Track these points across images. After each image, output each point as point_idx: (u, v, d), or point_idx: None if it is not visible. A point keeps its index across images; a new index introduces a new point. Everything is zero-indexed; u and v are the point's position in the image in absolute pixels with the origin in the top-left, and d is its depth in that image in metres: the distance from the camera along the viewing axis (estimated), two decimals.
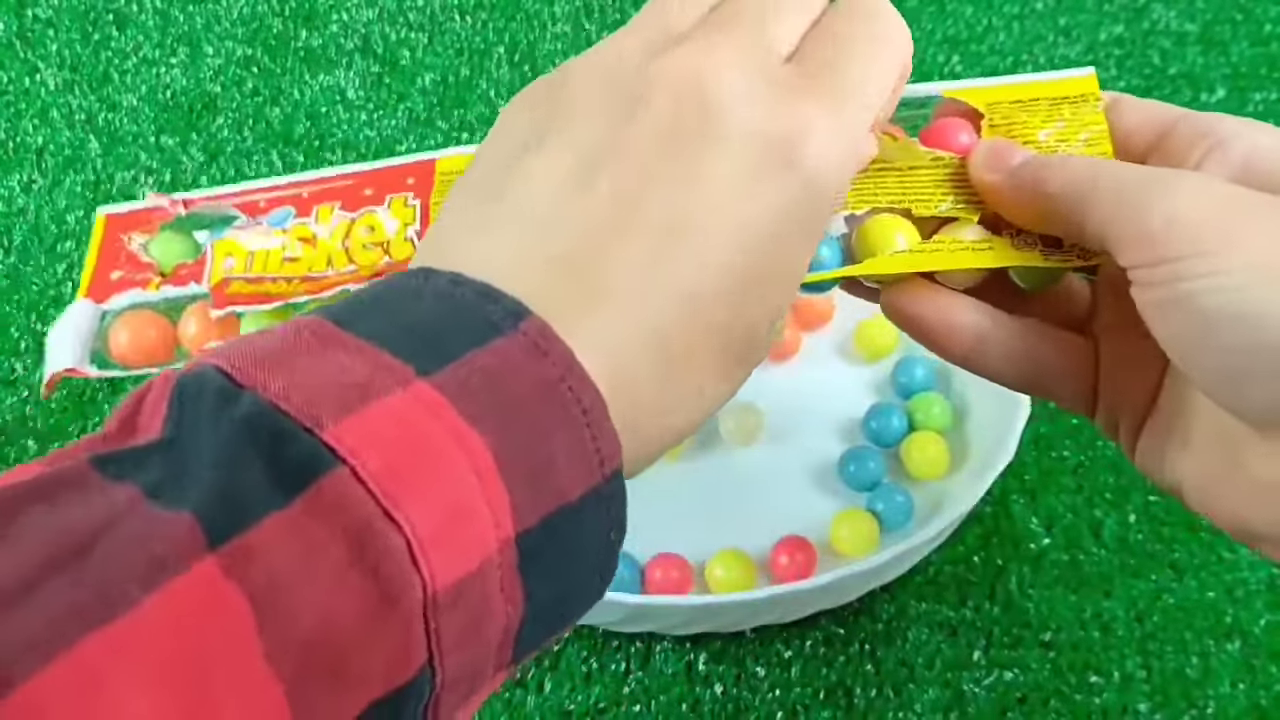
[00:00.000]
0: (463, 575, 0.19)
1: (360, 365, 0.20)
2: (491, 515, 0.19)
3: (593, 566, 0.22)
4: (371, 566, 0.18)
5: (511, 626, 0.20)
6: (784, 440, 0.45)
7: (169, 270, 0.32)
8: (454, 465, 0.19)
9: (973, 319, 0.28)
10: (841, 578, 0.37)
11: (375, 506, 0.18)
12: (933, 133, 0.30)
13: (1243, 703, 0.38)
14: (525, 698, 0.39)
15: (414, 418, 0.19)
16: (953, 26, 0.60)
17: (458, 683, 0.20)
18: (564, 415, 0.20)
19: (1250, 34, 0.59)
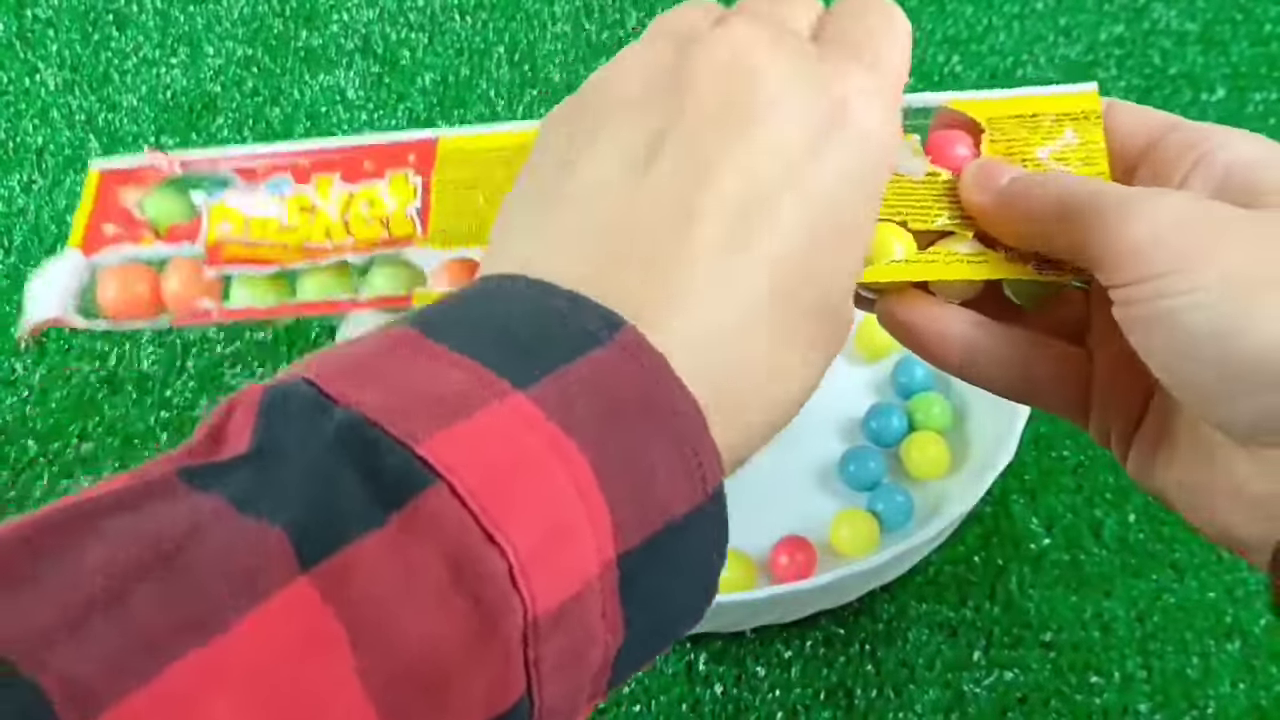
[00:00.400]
0: (565, 599, 0.18)
1: (455, 378, 0.19)
2: (594, 534, 0.19)
3: (695, 588, 0.21)
4: (471, 590, 0.17)
5: (610, 653, 0.20)
6: (784, 440, 0.44)
7: (163, 230, 0.32)
8: (554, 481, 0.18)
9: (964, 329, 0.29)
10: (842, 578, 0.37)
11: (475, 525, 0.17)
12: (931, 144, 0.31)
13: (1243, 703, 0.38)
14: None
15: (512, 432, 0.19)
16: (953, 26, 0.60)
17: (554, 713, 0.19)
18: (663, 430, 0.20)
19: (1250, 34, 0.59)
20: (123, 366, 0.48)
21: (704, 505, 0.20)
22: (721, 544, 0.21)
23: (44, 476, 0.44)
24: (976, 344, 0.29)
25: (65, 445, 0.45)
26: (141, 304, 0.32)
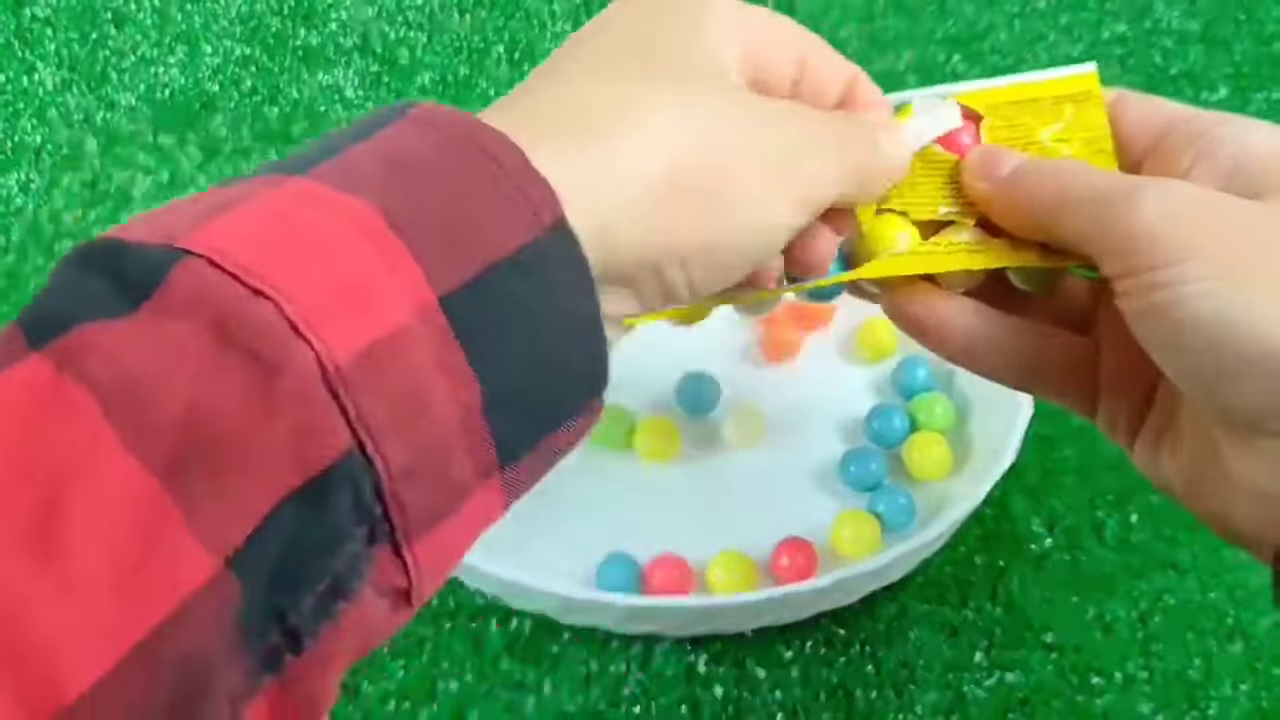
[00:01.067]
0: (368, 343, 0.17)
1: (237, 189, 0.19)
2: (395, 279, 0.18)
3: (564, 336, 0.20)
4: (244, 345, 0.17)
5: (471, 408, 0.18)
6: (785, 441, 0.44)
7: None
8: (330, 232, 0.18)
9: (971, 320, 0.29)
10: (843, 579, 0.37)
11: (238, 287, 0.17)
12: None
13: (1245, 704, 0.38)
14: (525, 699, 0.39)
15: (281, 206, 0.18)
16: (954, 25, 0.60)
17: (415, 473, 0.18)
18: (474, 172, 0.19)
19: (1253, 33, 0.59)
20: None
21: (542, 239, 0.19)
22: (581, 278, 0.20)
23: None
24: (978, 333, 0.29)
25: None
26: None
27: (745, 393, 0.45)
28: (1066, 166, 0.28)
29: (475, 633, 0.40)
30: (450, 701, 0.39)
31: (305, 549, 0.17)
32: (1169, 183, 0.26)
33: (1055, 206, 0.26)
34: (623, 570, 0.40)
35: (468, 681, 0.39)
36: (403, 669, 0.39)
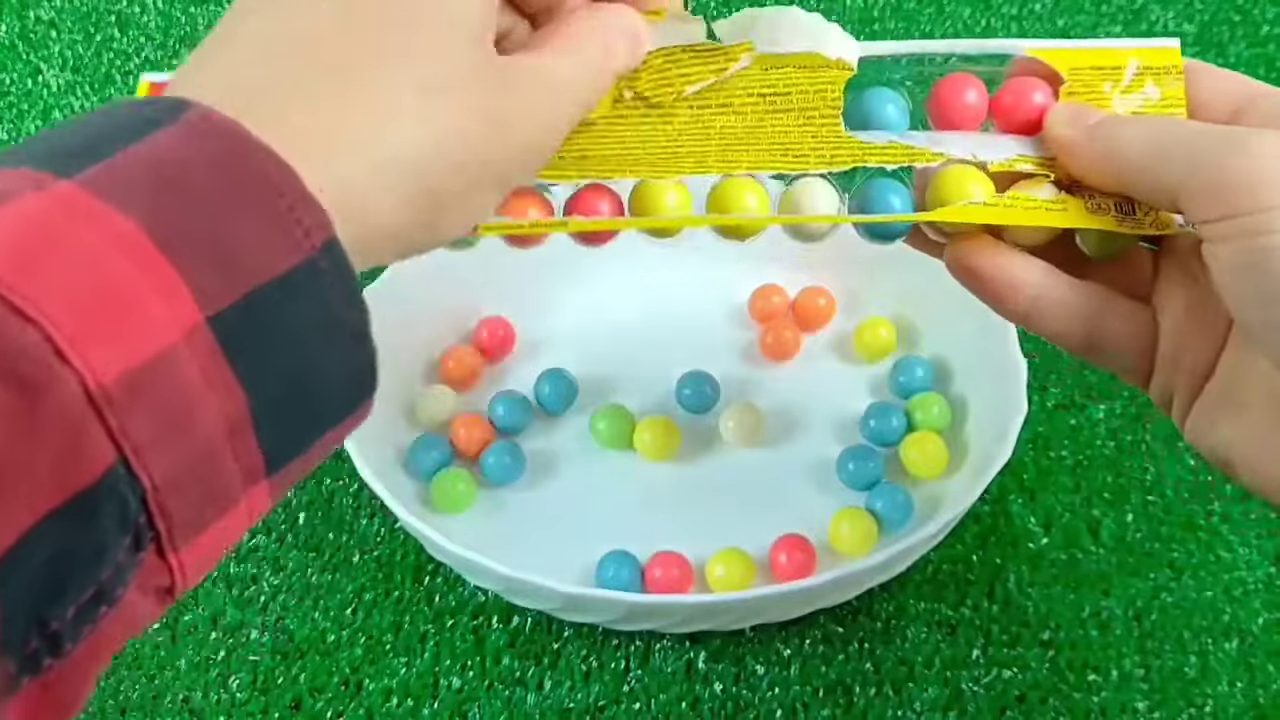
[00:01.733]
0: (136, 365, 0.17)
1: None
2: (164, 300, 0.18)
3: (329, 349, 0.20)
4: (9, 370, 0.16)
5: (238, 420, 0.19)
6: (783, 440, 0.45)
7: None
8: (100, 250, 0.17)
9: (1037, 278, 0.29)
10: (841, 577, 0.37)
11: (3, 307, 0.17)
12: (1008, 90, 0.30)
13: (1241, 701, 0.39)
14: (525, 696, 0.39)
15: (44, 215, 0.18)
16: (951, 27, 0.60)
17: (181, 484, 0.18)
18: (246, 192, 0.19)
19: (1248, 35, 0.59)
20: None
21: (313, 257, 0.20)
22: (347, 298, 0.20)
23: None
24: (1047, 294, 0.29)
25: None
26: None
27: (745, 392, 0.46)
28: (1160, 117, 0.28)
29: (476, 630, 0.40)
30: (452, 698, 0.39)
31: (70, 561, 0.17)
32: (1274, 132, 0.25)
33: (1151, 151, 0.26)
34: (623, 568, 0.40)
35: (469, 678, 0.39)
36: (404, 666, 0.40)
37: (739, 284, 0.48)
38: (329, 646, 0.40)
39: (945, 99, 0.30)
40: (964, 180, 0.29)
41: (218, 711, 0.39)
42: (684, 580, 0.40)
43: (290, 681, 0.39)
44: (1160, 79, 0.30)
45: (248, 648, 0.40)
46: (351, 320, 0.20)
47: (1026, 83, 0.30)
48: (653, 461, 0.44)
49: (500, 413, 0.45)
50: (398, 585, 0.42)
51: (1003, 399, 0.41)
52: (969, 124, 0.30)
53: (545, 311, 0.49)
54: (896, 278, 0.47)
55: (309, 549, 0.43)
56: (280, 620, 0.41)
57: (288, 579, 0.42)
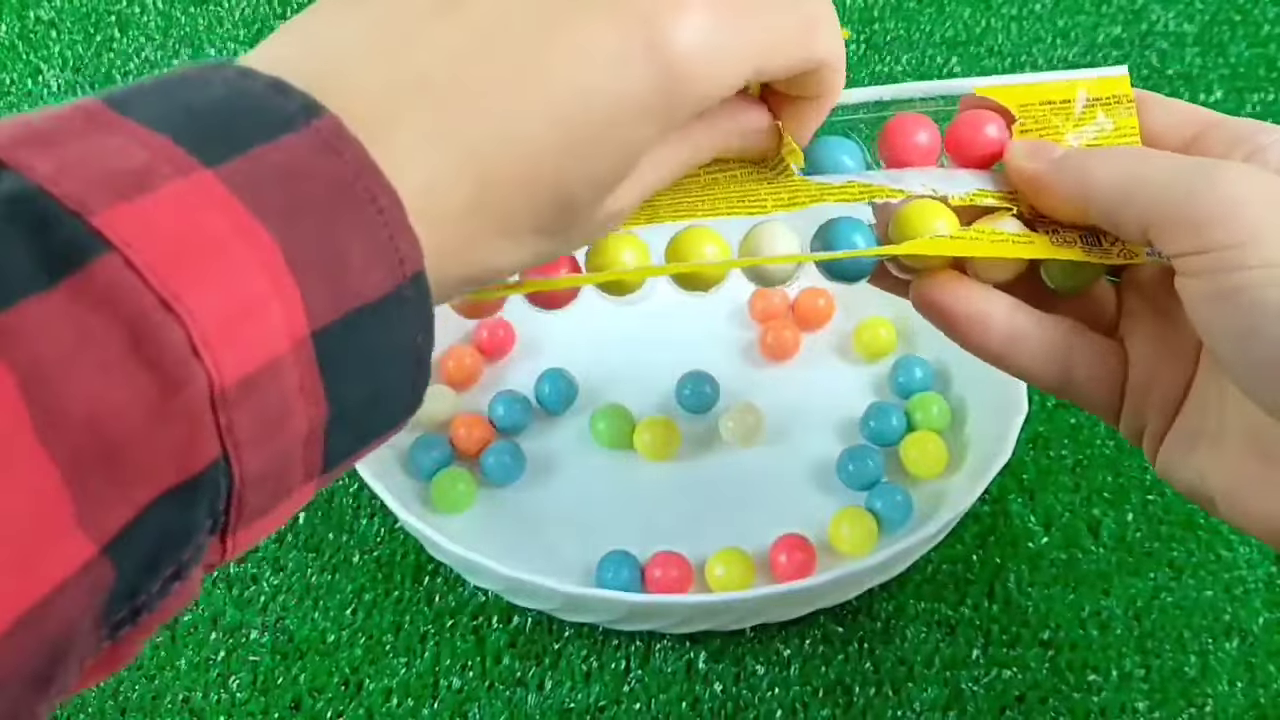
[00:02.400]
0: (252, 371, 0.19)
1: (138, 151, 0.19)
2: (283, 312, 0.19)
3: (401, 372, 0.22)
4: (150, 359, 0.18)
5: (316, 427, 0.20)
6: (783, 440, 0.45)
7: None
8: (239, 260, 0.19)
9: (1005, 312, 0.28)
10: (840, 576, 0.37)
11: (152, 297, 0.18)
12: (960, 125, 0.30)
13: (1241, 701, 0.39)
14: (525, 696, 0.39)
15: (196, 209, 0.19)
16: (951, 28, 0.60)
17: (263, 480, 0.20)
18: (359, 216, 0.20)
19: (1248, 35, 0.59)
20: None
21: (402, 288, 0.21)
22: (424, 326, 0.22)
23: None
24: (1018, 330, 0.28)
25: None
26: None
27: (745, 392, 0.46)
28: (1126, 149, 0.27)
29: (477, 630, 0.40)
30: (452, 698, 0.39)
31: (168, 540, 0.19)
32: (1244, 165, 0.25)
33: (1121, 185, 0.26)
34: (623, 568, 0.40)
35: (469, 678, 0.39)
36: (404, 666, 0.40)
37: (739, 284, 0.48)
38: (329, 646, 0.40)
39: (897, 140, 0.30)
40: (927, 214, 0.28)
41: (218, 711, 0.39)
42: (684, 580, 0.40)
43: (290, 681, 0.39)
44: (1111, 109, 0.30)
45: (248, 648, 0.40)
46: (422, 347, 0.22)
47: (978, 115, 0.30)
48: (653, 461, 0.44)
49: (500, 413, 0.45)
50: (398, 585, 0.42)
51: (1003, 399, 0.41)
52: (923, 163, 0.30)
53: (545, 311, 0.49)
54: None
55: (309, 549, 0.43)
56: (280, 620, 0.41)
57: (288, 579, 0.42)
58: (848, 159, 0.30)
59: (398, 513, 0.39)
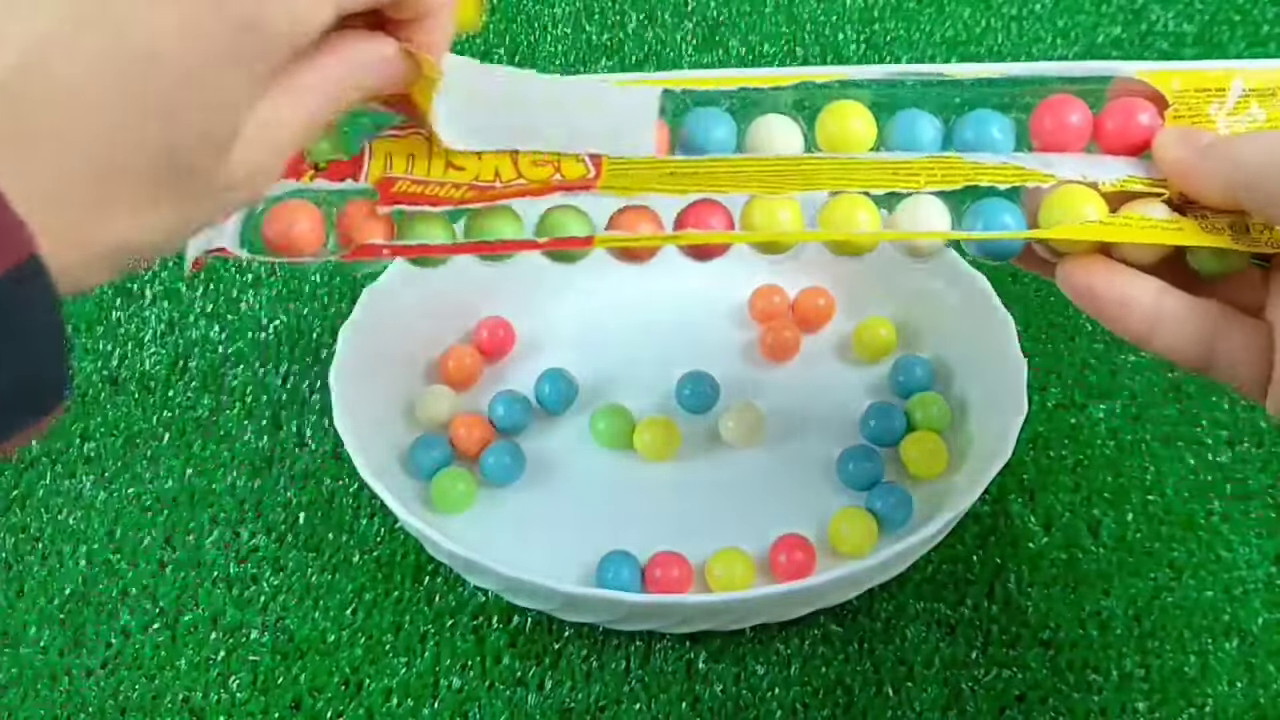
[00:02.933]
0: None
1: None
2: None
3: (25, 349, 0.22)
4: None
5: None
6: (784, 440, 0.45)
7: (323, 164, 0.32)
8: None
9: (1153, 296, 0.29)
10: (841, 577, 0.37)
11: None
12: (1113, 111, 0.31)
13: (1241, 701, 0.39)
14: (526, 695, 0.39)
15: None
16: (951, 28, 0.60)
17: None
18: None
19: (1248, 35, 0.59)
20: (125, 366, 0.48)
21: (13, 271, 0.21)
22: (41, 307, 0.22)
23: (47, 475, 0.45)
24: (1164, 312, 0.29)
25: (68, 445, 0.45)
26: (305, 237, 0.32)
27: (745, 392, 0.46)
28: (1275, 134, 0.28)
29: (477, 630, 0.40)
30: (452, 698, 0.39)
31: None
32: None
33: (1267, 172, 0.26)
34: (623, 568, 0.40)
35: (469, 678, 0.39)
36: (405, 666, 0.40)
37: (739, 284, 0.48)
38: (329, 646, 0.40)
39: (1050, 120, 0.30)
40: (1078, 200, 0.29)
41: (218, 711, 0.39)
42: (684, 580, 0.40)
43: (290, 681, 0.39)
44: (1265, 101, 0.30)
45: (248, 648, 0.40)
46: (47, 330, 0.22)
47: (1131, 104, 0.30)
48: (653, 461, 0.44)
49: (500, 413, 0.45)
50: (398, 585, 0.42)
51: (1003, 399, 0.41)
52: (1073, 145, 0.30)
53: (545, 311, 0.49)
54: (896, 278, 0.47)
55: (309, 549, 0.43)
56: (280, 620, 0.41)
57: (288, 579, 0.42)
58: (997, 130, 0.30)
59: (398, 513, 0.39)
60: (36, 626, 0.41)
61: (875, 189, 0.30)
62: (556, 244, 0.32)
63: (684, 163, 0.31)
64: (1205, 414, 0.46)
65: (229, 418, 0.46)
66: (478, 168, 0.32)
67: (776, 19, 0.61)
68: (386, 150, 0.32)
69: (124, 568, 0.42)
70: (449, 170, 0.32)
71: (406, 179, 0.32)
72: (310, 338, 0.49)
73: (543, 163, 0.31)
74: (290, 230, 0.31)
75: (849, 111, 0.31)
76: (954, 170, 0.30)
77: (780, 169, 0.30)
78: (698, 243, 0.31)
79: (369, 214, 0.32)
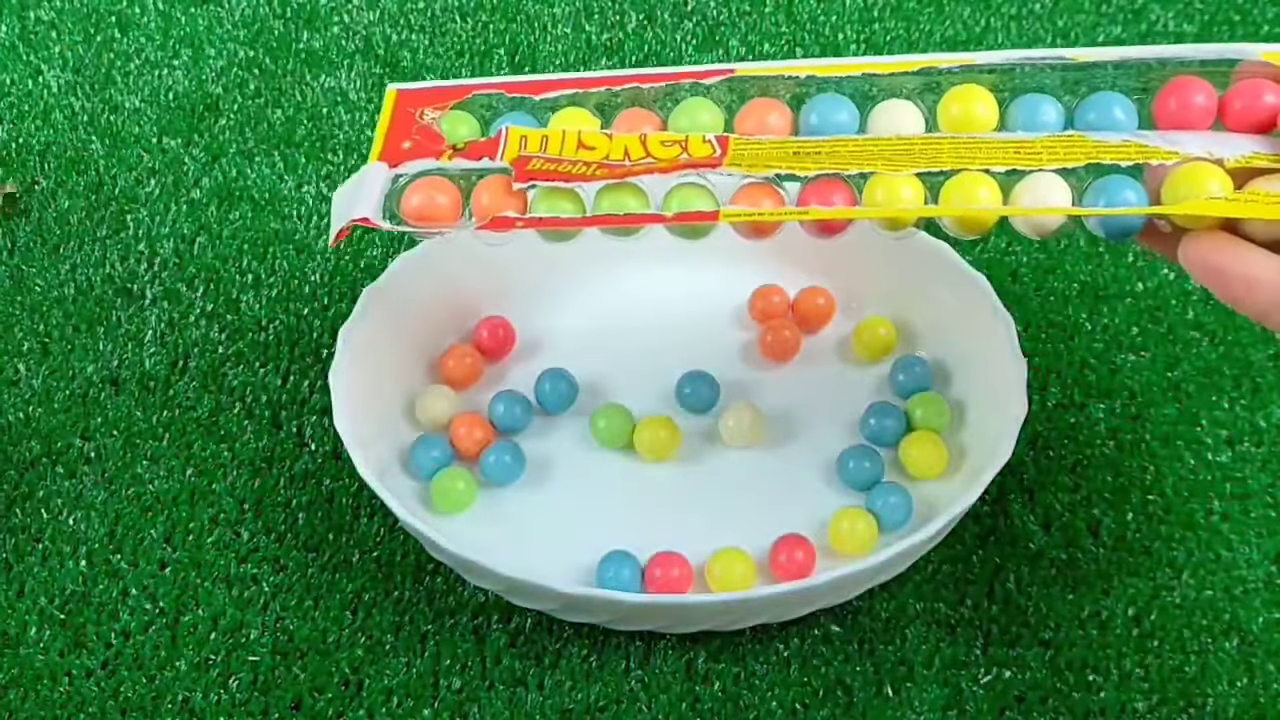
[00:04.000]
0: None
1: None
2: None
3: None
4: None
5: None
6: (784, 440, 0.45)
7: (461, 145, 0.34)
8: None
9: (1277, 274, 0.29)
10: (840, 577, 0.37)
11: None
12: (1238, 91, 0.31)
13: (1241, 701, 0.39)
14: (526, 696, 0.39)
15: None
16: (950, 27, 0.60)
17: None
18: None
19: (1248, 35, 0.59)
20: (125, 366, 0.48)
21: None
22: None
23: (47, 476, 0.45)
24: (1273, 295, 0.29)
25: (68, 445, 0.45)
26: (443, 211, 0.34)
27: (745, 392, 0.46)
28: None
29: (477, 630, 0.40)
30: (452, 698, 0.39)
31: None
32: None
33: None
34: (623, 568, 0.40)
35: (470, 678, 0.39)
36: (405, 666, 0.40)
37: (739, 284, 0.48)
38: (329, 646, 0.40)
39: (1174, 101, 0.30)
40: (1202, 176, 0.29)
41: (218, 711, 0.39)
42: (684, 580, 0.40)
43: (290, 681, 0.39)
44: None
45: (248, 648, 0.40)
46: None
47: (1257, 84, 0.30)
48: (653, 461, 0.44)
49: (500, 413, 0.45)
50: (398, 585, 0.42)
51: (1003, 399, 0.41)
52: (1199, 126, 0.31)
53: (545, 311, 0.49)
54: (896, 278, 0.47)
55: (309, 549, 0.43)
56: (280, 620, 0.41)
57: (288, 579, 0.42)
58: (1120, 110, 0.30)
59: (398, 513, 0.39)
60: (36, 626, 0.41)
61: (997, 166, 0.30)
62: (684, 218, 0.32)
63: (807, 143, 0.31)
64: (1205, 414, 0.46)
65: (229, 418, 0.46)
66: (608, 147, 0.33)
67: (776, 19, 0.61)
68: (521, 134, 0.34)
69: (124, 568, 0.42)
70: (580, 150, 0.33)
71: (540, 157, 0.33)
72: (310, 338, 0.49)
73: (670, 143, 0.33)
74: (430, 203, 0.34)
75: (973, 95, 0.31)
76: (1076, 148, 0.30)
77: (903, 147, 0.31)
78: (821, 219, 0.31)
79: (505, 190, 0.33)
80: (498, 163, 0.34)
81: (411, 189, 0.34)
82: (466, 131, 0.35)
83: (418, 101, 0.35)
